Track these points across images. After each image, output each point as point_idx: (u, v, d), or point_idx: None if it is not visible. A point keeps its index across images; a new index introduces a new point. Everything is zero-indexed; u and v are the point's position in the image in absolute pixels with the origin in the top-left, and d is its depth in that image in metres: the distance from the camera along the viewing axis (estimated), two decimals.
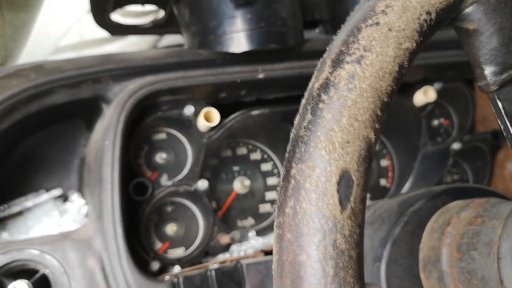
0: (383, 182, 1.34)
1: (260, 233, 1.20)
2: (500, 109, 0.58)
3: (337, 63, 0.51)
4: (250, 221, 1.22)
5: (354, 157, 0.48)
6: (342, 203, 0.47)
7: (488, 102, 1.37)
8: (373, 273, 0.83)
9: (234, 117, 1.14)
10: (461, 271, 0.74)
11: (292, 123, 1.16)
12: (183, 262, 1.10)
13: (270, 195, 1.25)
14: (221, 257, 1.13)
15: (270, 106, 1.17)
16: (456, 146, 1.28)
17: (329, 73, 0.51)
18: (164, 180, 1.12)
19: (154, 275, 1.03)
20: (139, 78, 1.02)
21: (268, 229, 1.22)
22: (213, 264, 1.04)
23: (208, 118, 1.09)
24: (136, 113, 1.03)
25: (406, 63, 0.52)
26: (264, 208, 1.24)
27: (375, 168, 1.33)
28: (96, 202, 0.99)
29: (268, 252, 1.10)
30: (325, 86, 0.51)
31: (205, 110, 1.09)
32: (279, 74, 1.11)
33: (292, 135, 0.53)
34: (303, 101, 0.53)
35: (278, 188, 0.54)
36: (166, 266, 1.08)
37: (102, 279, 0.94)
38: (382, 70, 0.50)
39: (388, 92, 0.50)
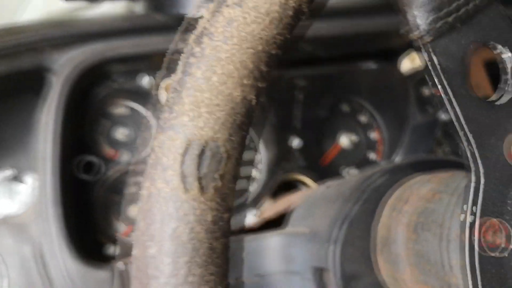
0: (372, 156, 1.23)
1: (235, 211, 1.11)
2: (435, 64, 0.47)
3: (217, 7, 0.41)
4: None
5: (225, 123, 0.39)
6: (204, 181, 0.38)
7: (480, 67, 1.26)
8: (327, 257, 0.73)
9: None
10: (415, 254, 0.64)
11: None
12: None
13: (247, 170, 1.15)
14: None
15: None
16: (445, 116, 1.17)
17: (207, 20, 0.41)
18: (126, 158, 1.03)
19: (112, 260, 0.95)
20: (85, 45, 0.93)
21: (244, 207, 1.13)
22: None
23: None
24: (84, 84, 0.94)
25: (304, 6, 0.42)
26: (240, 184, 1.15)
27: (364, 141, 1.22)
28: (37, 183, 0.91)
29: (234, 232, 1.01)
30: (200, 36, 0.41)
31: (167, 82, 1.00)
32: None
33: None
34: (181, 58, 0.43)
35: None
36: (129, 250, 1.00)
37: (40, 268, 0.86)
38: (270, 15, 0.40)
39: (277, 41, 0.40)
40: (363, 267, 0.71)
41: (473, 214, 0.47)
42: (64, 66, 0.90)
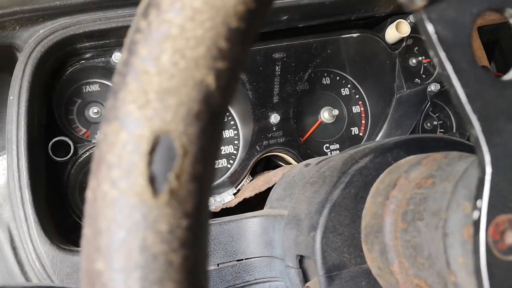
0: (355, 130, 1.15)
1: (212, 191, 1.03)
2: (430, 34, 0.38)
3: None
4: None
5: (179, 112, 0.30)
6: (156, 183, 0.29)
7: (475, 36, 1.17)
8: (308, 245, 0.65)
9: None
10: (406, 245, 0.55)
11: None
12: None
13: (227, 149, 1.07)
14: None
15: None
16: (434, 87, 1.08)
17: None
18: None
19: None
20: (50, 21, 0.83)
21: (223, 186, 1.05)
22: None
23: None
24: (52, 62, 0.85)
25: None
26: (219, 163, 1.06)
27: (346, 115, 1.14)
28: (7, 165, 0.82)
29: (212, 214, 0.93)
30: (146, 8, 0.32)
31: None
32: None
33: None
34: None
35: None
36: None
37: (11, 252, 0.78)
38: None
39: (239, 12, 0.31)
40: (347, 256, 0.63)
41: (478, 209, 0.38)
42: (29, 43, 0.81)
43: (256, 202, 0.96)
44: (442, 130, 1.14)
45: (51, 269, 0.77)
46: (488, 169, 0.38)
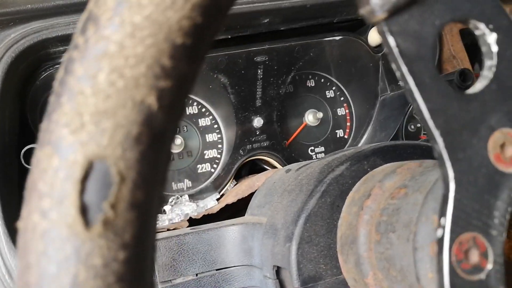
0: (340, 133, 1.13)
1: (195, 197, 1.01)
2: (391, 47, 0.36)
3: None
4: (186, 183, 1.03)
5: (115, 136, 0.28)
6: (89, 213, 0.28)
7: (457, 38, 1.15)
8: (284, 256, 0.64)
9: None
10: (379, 257, 0.54)
11: (223, 72, 0.95)
12: None
13: (210, 153, 1.05)
14: None
15: None
16: None
17: (94, 2, 0.31)
18: None
19: None
20: (21, 25, 0.81)
21: (206, 191, 1.03)
22: None
23: None
24: (24, 67, 0.83)
25: None
26: (203, 167, 1.05)
27: (331, 118, 1.12)
28: None
29: (194, 221, 0.91)
30: (85, 23, 0.30)
31: None
32: None
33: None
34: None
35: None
36: None
37: None
38: None
39: (184, 27, 0.30)
40: (323, 267, 0.62)
41: (442, 227, 0.37)
42: None
43: (239, 207, 0.94)
44: (426, 132, 1.12)
45: None
46: (452, 186, 0.36)
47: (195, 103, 1.04)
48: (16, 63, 0.80)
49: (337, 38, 1.06)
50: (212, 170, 1.05)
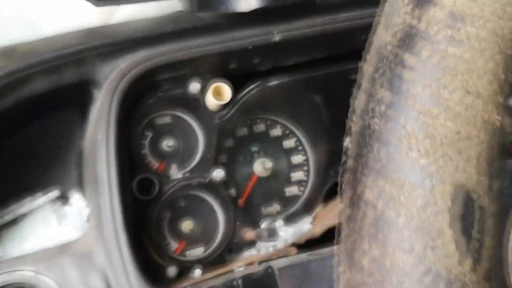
0: (293, 189, 1.03)
1: (288, 220, 0.99)
2: None
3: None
4: (275, 207, 1.01)
5: (471, 160, 0.26)
6: (467, 249, 0.25)
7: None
8: None
9: (248, 91, 0.92)
10: None
11: (318, 92, 0.93)
12: (204, 263, 0.90)
13: (296, 175, 1.03)
14: (247, 254, 0.92)
15: (290, 74, 0.94)
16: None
17: (410, 15, 0.29)
18: (174, 171, 0.91)
19: (171, 282, 0.83)
20: (131, 54, 0.80)
21: (297, 214, 1.01)
22: (239, 266, 0.84)
23: (218, 95, 0.88)
24: (132, 96, 0.82)
25: None
26: (290, 191, 1.02)
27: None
28: (95, 206, 0.79)
29: (301, 246, 0.89)
30: (407, 38, 0.28)
31: (214, 85, 0.88)
32: (298, 34, 0.88)
33: (350, 123, 0.30)
34: (366, 67, 0.31)
35: (341, 218, 0.32)
36: (184, 269, 0.88)
37: None
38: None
39: None
40: None
41: None
42: (110, 77, 0.78)
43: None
44: None
45: None
46: None
47: (278, 125, 1.02)
48: (128, 92, 0.79)
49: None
50: (300, 193, 1.03)
